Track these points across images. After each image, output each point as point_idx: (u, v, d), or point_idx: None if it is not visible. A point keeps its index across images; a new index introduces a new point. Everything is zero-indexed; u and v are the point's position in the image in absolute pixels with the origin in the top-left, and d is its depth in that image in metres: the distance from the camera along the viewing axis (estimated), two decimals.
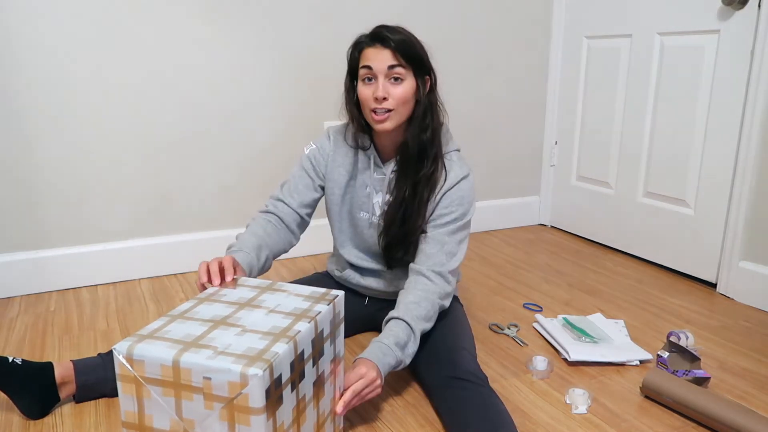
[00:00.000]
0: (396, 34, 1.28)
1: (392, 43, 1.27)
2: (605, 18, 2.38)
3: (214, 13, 2.00)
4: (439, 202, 1.36)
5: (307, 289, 1.10)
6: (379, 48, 1.28)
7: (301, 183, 1.47)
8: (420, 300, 1.29)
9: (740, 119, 1.90)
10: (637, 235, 2.33)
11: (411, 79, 1.30)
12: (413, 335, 1.25)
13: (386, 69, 1.28)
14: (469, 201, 1.38)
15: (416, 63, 1.30)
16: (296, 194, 1.46)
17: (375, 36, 1.30)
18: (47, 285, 1.95)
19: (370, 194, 1.44)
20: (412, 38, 1.31)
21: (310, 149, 1.48)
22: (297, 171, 1.48)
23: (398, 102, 1.29)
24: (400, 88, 1.29)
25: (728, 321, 1.79)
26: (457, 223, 1.36)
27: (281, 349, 0.89)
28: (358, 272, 1.54)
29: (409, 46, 1.29)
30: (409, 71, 1.30)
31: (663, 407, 1.33)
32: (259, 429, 0.85)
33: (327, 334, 1.05)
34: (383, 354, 1.20)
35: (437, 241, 1.35)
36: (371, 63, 1.29)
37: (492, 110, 2.59)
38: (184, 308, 1.02)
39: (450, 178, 1.36)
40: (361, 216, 1.47)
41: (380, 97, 1.28)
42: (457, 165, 1.38)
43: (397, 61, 1.28)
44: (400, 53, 1.27)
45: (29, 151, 1.86)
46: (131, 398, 0.91)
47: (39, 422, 1.24)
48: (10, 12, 1.75)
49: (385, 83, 1.29)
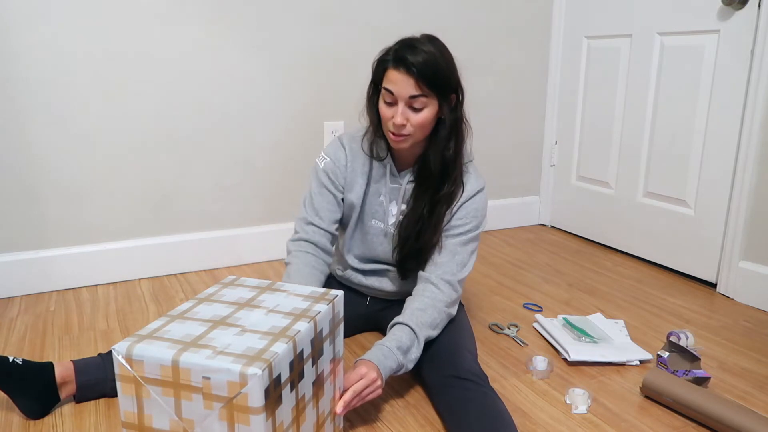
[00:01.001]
0: (420, 56, 1.22)
1: (415, 70, 1.21)
2: (605, 18, 2.38)
3: (215, 13, 2.00)
4: (455, 213, 1.36)
5: (306, 289, 1.10)
6: (402, 73, 1.23)
7: (325, 200, 1.43)
8: (426, 307, 1.29)
9: (740, 119, 1.90)
10: (637, 235, 2.33)
11: (433, 105, 1.27)
12: (417, 341, 1.25)
13: (407, 98, 1.25)
14: (483, 214, 1.39)
15: (441, 87, 1.26)
16: (323, 212, 1.42)
17: (399, 60, 1.24)
18: (47, 285, 1.95)
19: (383, 203, 1.43)
20: (438, 59, 1.24)
21: (325, 162, 1.43)
22: (316, 188, 1.44)
23: (417, 128, 1.28)
24: (421, 116, 1.26)
25: (728, 321, 1.79)
26: (470, 234, 1.37)
27: (280, 348, 0.89)
28: (360, 272, 1.54)
29: (433, 70, 1.23)
30: (432, 97, 1.26)
31: (663, 407, 1.33)
32: (258, 428, 0.86)
33: (326, 333, 1.05)
34: (384, 356, 1.20)
35: (449, 250, 1.35)
36: (393, 88, 1.25)
37: (492, 110, 2.59)
38: (184, 308, 1.02)
39: (467, 191, 1.36)
40: (373, 224, 1.46)
41: (399, 123, 1.26)
42: (474, 177, 1.38)
43: (420, 90, 1.23)
44: (423, 81, 1.22)
45: (29, 151, 1.86)
46: (131, 398, 0.91)
47: (39, 422, 1.24)
48: (10, 12, 1.75)
49: (405, 110, 1.26)
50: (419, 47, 1.24)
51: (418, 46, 1.24)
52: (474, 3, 2.42)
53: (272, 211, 2.25)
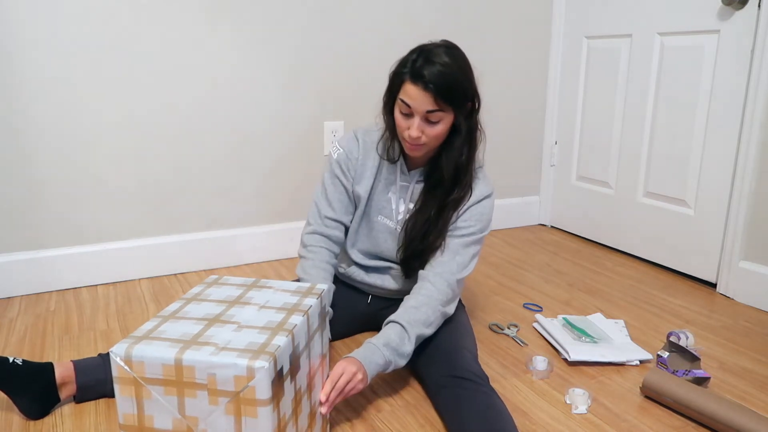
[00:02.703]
0: (437, 68, 1.21)
1: (433, 87, 1.21)
2: (605, 18, 2.38)
3: (214, 13, 2.00)
4: (462, 215, 1.37)
5: (292, 285, 1.13)
6: (420, 89, 1.23)
7: (337, 192, 1.46)
8: (420, 305, 1.29)
9: (740, 119, 1.90)
10: (637, 235, 2.33)
11: (449, 118, 1.28)
12: (407, 337, 1.26)
13: (424, 113, 1.25)
14: (488, 219, 1.40)
15: (457, 100, 1.26)
16: (336, 203, 1.46)
17: (416, 75, 1.23)
18: (47, 285, 1.95)
19: (390, 200, 1.44)
20: (456, 72, 1.24)
21: (338, 153, 1.45)
22: (329, 179, 1.46)
23: (432, 139, 1.29)
24: (436, 129, 1.27)
25: (728, 321, 1.79)
26: (473, 236, 1.37)
27: (282, 341, 0.91)
28: (363, 269, 1.54)
29: (451, 85, 1.23)
30: (448, 111, 1.26)
31: (663, 407, 1.33)
32: (266, 420, 0.87)
33: (316, 327, 1.08)
34: (370, 352, 1.21)
35: (451, 250, 1.36)
36: (410, 102, 1.25)
37: (492, 110, 2.59)
38: (174, 308, 1.03)
39: (475, 195, 1.37)
40: (379, 220, 1.46)
41: (415, 136, 1.27)
42: (483, 183, 1.39)
43: (437, 105, 1.23)
44: (440, 96, 1.22)
45: (29, 151, 1.86)
46: (130, 400, 0.91)
47: (39, 422, 1.24)
48: (10, 12, 1.75)
49: (421, 123, 1.26)
50: (436, 61, 1.23)
51: (435, 60, 1.23)
52: (474, 3, 2.42)
53: (272, 211, 2.25)
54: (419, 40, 1.34)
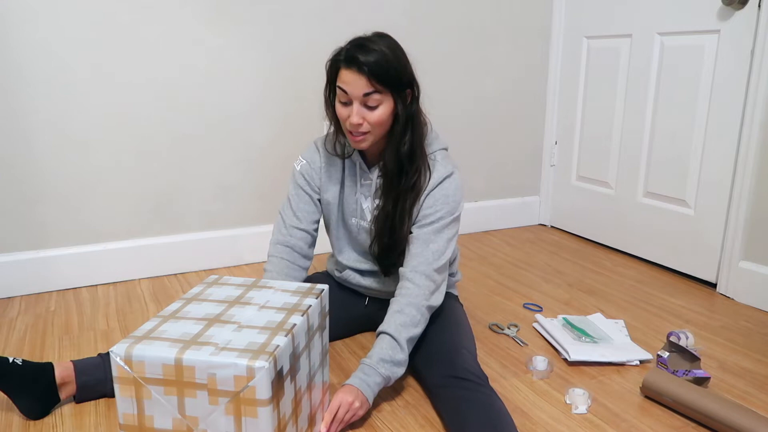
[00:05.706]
0: (371, 55, 1.23)
1: (366, 68, 1.23)
2: (605, 18, 2.38)
3: (214, 13, 2.00)
4: (424, 202, 1.36)
5: (292, 285, 1.13)
6: (354, 72, 1.24)
7: (302, 201, 1.46)
8: (403, 307, 1.29)
9: (740, 119, 1.90)
10: (637, 235, 2.33)
11: (388, 102, 1.28)
12: (398, 345, 1.26)
13: (361, 96, 1.26)
14: (455, 199, 1.37)
15: (394, 83, 1.27)
16: (300, 213, 1.46)
17: (350, 59, 1.25)
18: (47, 285, 1.95)
19: (358, 200, 1.45)
20: (389, 56, 1.25)
21: (301, 165, 1.47)
22: (293, 190, 1.48)
23: (374, 125, 1.29)
24: (376, 113, 1.27)
25: (728, 321, 1.79)
26: (442, 221, 1.35)
27: (282, 341, 0.91)
28: (358, 273, 1.54)
29: (385, 67, 1.24)
30: (386, 94, 1.27)
31: (663, 407, 1.33)
32: (266, 420, 0.88)
33: (316, 327, 1.08)
34: (366, 375, 1.22)
35: (422, 240, 1.34)
36: (347, 88, 1.26)
37: (492, 110, 2.59)
38: (174, 308, 1.03)
39: (433, 179, 1.36)
40: (354, 222, 1.47)
41: (355, 123, 1.27)
42: (441, 165, 1.37)
43: (373, 87, 1.24)
44: (375, 78, 1.24)
45: (29, 151, 1.86)
46: (130, 400, 0.91)
47: (39, 422, 1.24)
48: (10, 12, 1.75)
49: (360, 109, 1.27)
50: (370, 46, 1.25)
51: (368, 45, 1.25)
52: (474, 3, 2.42)
53: (272, 211, 2.25)
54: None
